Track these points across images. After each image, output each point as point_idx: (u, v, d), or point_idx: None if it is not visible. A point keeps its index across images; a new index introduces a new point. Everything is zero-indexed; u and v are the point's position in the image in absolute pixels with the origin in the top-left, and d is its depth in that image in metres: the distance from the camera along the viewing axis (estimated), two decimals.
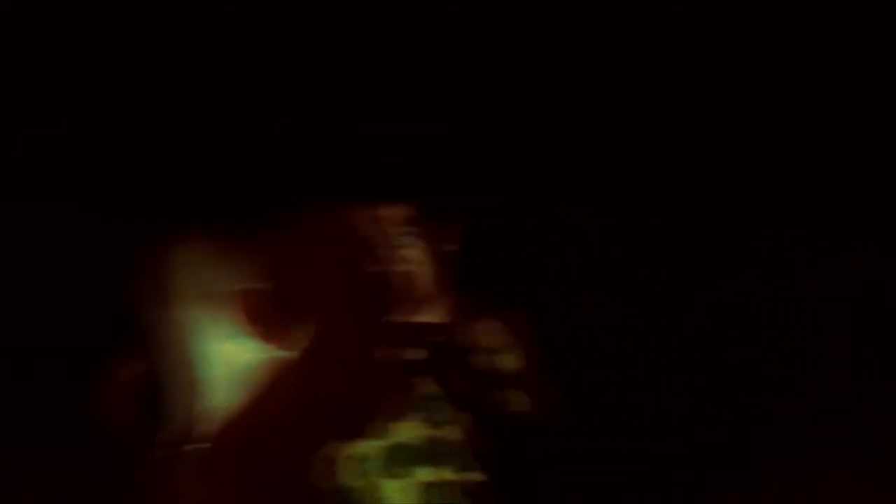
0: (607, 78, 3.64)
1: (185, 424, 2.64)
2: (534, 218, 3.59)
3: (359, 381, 2.26)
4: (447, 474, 2.56)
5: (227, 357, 2.62)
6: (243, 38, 3.60)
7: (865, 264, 3.56)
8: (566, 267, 3.57)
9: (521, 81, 3.65)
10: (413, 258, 2.58)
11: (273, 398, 2.23)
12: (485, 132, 3.63)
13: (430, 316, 2.66)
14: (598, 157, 3.63)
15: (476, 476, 2.57)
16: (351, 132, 3.62)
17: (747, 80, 3.63)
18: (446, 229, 2.72)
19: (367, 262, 2.32)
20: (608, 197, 3.61)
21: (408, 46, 3.63)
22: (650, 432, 3.45)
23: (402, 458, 2.58)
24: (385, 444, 2.55)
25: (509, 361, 2.70)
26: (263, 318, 2.28)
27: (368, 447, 2.52)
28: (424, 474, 2.57)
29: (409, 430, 2.57)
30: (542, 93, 3.65)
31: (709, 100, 3.63)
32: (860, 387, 3.44)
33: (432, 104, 3.61)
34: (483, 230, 3.36)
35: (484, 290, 2.80)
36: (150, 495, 2.47)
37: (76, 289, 3.51)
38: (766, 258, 3.58)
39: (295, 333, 2.27)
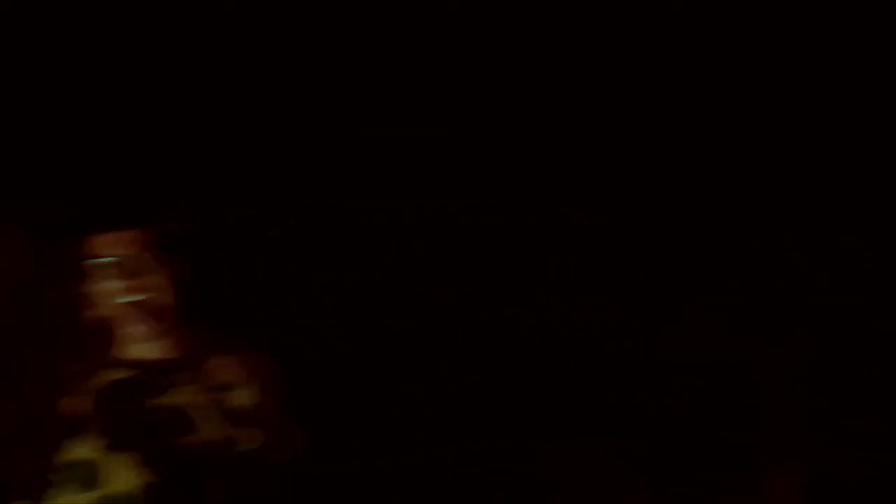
0: (607, 78, 3.64)
1: None
2: (534, 218, 3.59)
3: (32, 428, 2.06)
4: None
5: None
6: None
7: (865, 264, 3.56)
8: (566, 267, 3.57)
9: (521, 81, 3.65)
10: (131, 288, 2.43)
11: None
12: (484, 132, 3.63)
13: (149, 351, 2.47)
14: (598, 156, 3.63)
15: None
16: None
17: (747, 81, 3.63)
18: (174, 257, 2.53)
19: (61, 295, 2.09)
20: (608, 197, 3.61)
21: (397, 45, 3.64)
22: (659, 431, 3.46)
23: None
24: (91, 498, 2.33)
25: (243, 398, 2.47)
26: None
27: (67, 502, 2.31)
28: None
29: (120, 480, 2.35)
30: (541, 93, 3.65)
31: (709, 100, 3.63)
32: (860, 387, 3.44)
33: (431, 104, 3.61)
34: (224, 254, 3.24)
35: (221, 324, 2.61)
36: None
37: None
38: (766, 258, 3.58)
39: None
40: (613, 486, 3.42)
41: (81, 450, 2.34)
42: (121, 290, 2.43)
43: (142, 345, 2.47)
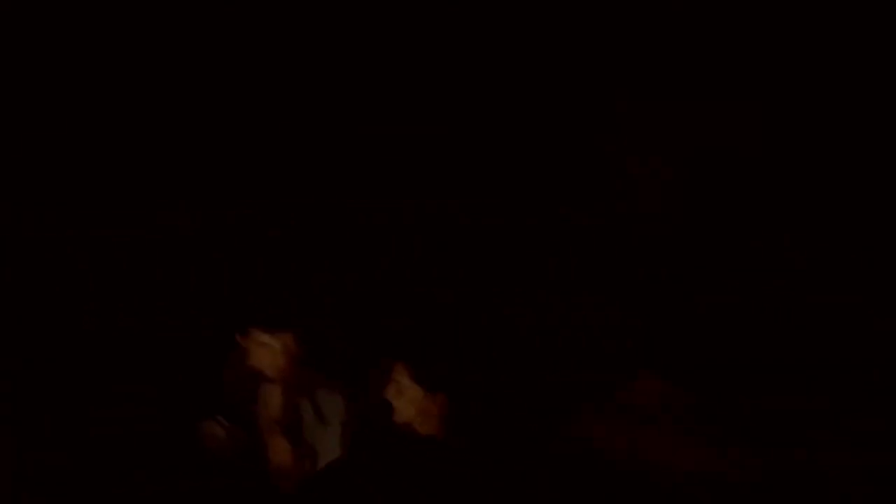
0: (607, 79, 3.64)
1: None
2: (534, 218, 3.59)
3: None
4: None
5: None
6: None
7: (865, 264, 3.56)
8: (566, 267, 3.57)
9: (520, 83, 3.65)
10: None
11: None
12: (484, 132, 3.63)
13: None
14: (598, 157, 3.64)
15: None
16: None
17: (747, 81, 3.63)
18: None
19: None
20: (607, 197, 3.62)
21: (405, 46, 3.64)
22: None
23: None
24: None
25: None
26: None
27: None
28: None
29: None
30: (541, 94, 3.65)
31: (709, 100, 3.63)
32: (860, 387, 3.44)
33: (431, 104, 3.62)
34: None
35: None
36: None
37: None
38: (766, 258, 3.58)
39: None
40: (612, 487, 3.41)
41: None
42: None
43: None
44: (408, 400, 2.74)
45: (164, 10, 3.59)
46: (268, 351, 2.89)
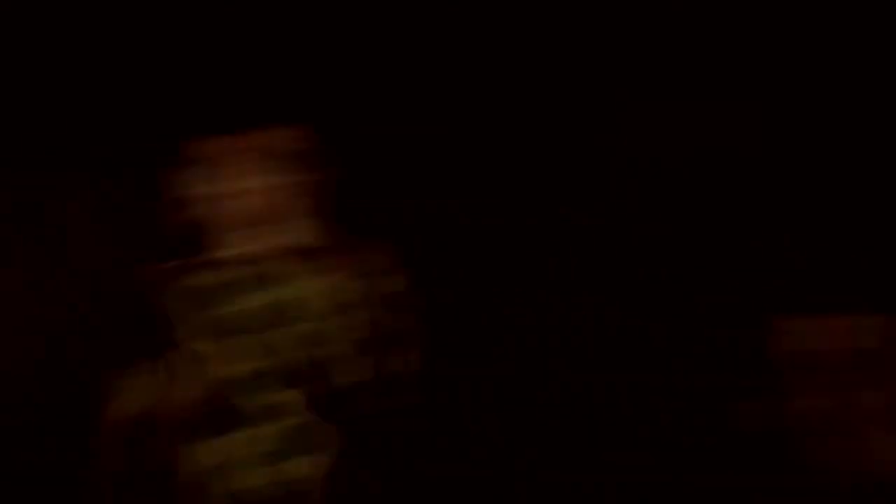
0: (606, 77, 3.65)
1: None
2: (534, 218, 3.59)
3: None
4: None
5: None
6: None
7: (865, 264, 3.56)
8: (566, 267, 3.57)
9: (521, 81, 3.65)
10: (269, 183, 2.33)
11: None
12: (484, 132, 3.63)
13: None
14: (598, 156, 3.64)
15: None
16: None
17: (747, 81, 3.63)
18: (319, 154, 2.49)
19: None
20: (608, 197, 3.62)
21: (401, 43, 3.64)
22: (659, 432, 3.46)
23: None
24: None
25: (393, 285, 2.41)
26: None
27: None
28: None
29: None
30: (541, 93, 3.65)
31: (709, 100, 3.63)
32: (858, 389, 3.44)
33: (431, 104, 3.62)
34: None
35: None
36: None
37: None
38: (766, 258, 3.58)
39: None
40: (612, 490, 3.42)
41: None
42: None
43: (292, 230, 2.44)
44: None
45: (163, 9, 3.59)
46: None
